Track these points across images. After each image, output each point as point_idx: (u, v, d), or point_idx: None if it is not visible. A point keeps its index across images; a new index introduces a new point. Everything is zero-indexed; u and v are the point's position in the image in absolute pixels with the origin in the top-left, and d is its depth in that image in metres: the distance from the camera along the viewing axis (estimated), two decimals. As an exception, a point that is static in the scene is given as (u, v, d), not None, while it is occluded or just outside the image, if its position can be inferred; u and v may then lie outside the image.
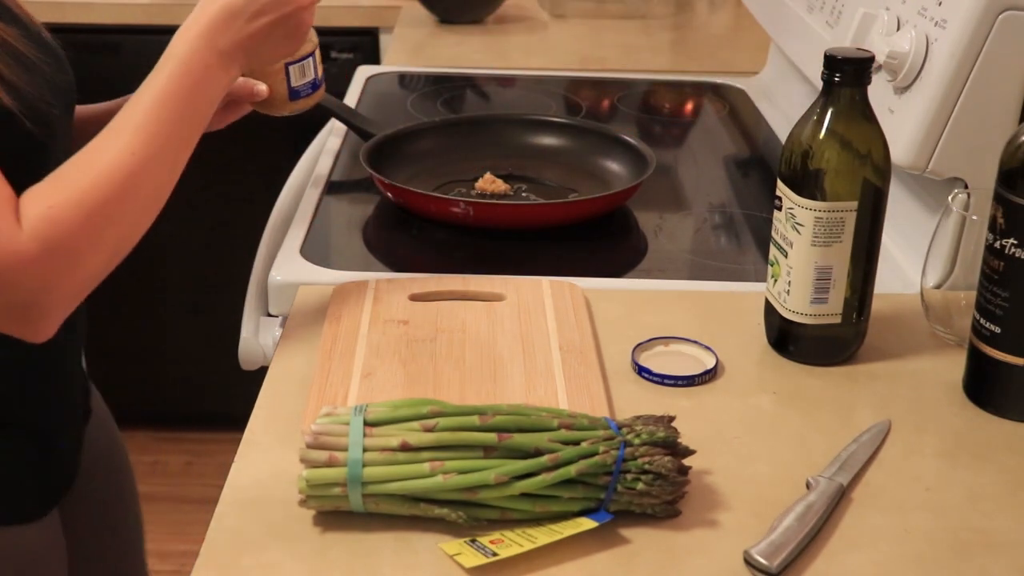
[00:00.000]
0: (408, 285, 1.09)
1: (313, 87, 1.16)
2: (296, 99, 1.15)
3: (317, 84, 1.17)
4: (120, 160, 0.86)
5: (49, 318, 0.85)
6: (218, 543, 0.78)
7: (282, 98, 1.15)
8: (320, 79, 1.17)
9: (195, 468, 2.62)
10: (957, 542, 0.80)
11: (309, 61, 1.14)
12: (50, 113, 0.93)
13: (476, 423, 0.79)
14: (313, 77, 1.15)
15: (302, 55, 1.13)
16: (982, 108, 1.07)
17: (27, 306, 0.83)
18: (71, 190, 0.85)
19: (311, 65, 1.14)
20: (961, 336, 1.02)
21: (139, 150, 0.87)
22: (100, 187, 0.85)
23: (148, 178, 0.88)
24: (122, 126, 0.88)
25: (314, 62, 1.15)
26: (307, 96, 1.16)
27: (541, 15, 2.33)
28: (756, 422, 0.93)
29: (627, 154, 1.40)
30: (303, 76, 1.13)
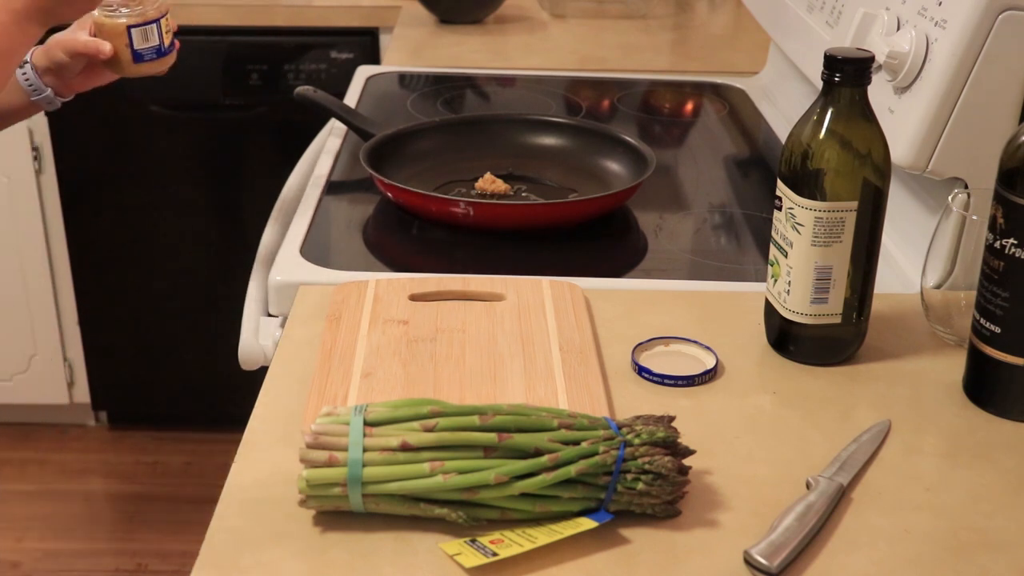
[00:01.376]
0: (408, 285, 1.09)
1: (158, 52, 1.23)
2: (140, 62, 1.23)
3: (163, 51, 1.24)
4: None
5: None
6: (218, 543, 0.78)
7: (127, 60, 1.23)
8: (167, 47, 1.24)
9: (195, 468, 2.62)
10: (957, 542, 0.80)
11: (152, 27, 1.21)
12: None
13: (476, 423, 0.79)
14: (158, 43, 1.22)
15: (144, 20, 1.20)
16: (982, 108, 1.07)
17: None
18: None
19: (155, 31, 1.21)
20: (961, 336, 1.02)
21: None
22: None
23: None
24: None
25: (159, 29, 1.22)
26: (151, 60, 1.23)
27: (541, 15, 2.33)
28: (756, 422, 0.93)
29: (627, 154, 1.40)
30: (146, 40, 1.21)
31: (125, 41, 1.22)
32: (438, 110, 1.72)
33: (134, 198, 2.43)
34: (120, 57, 1.23)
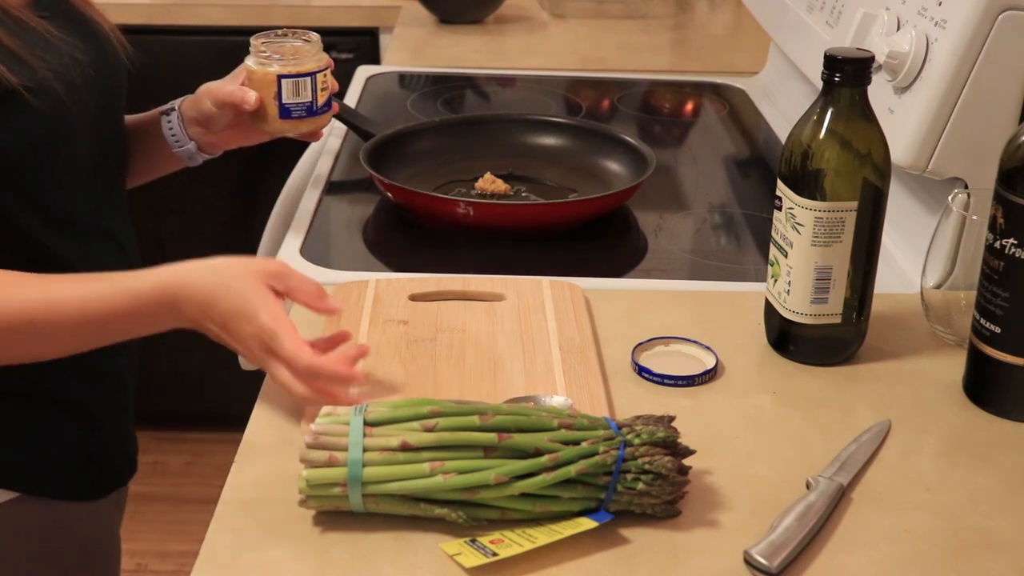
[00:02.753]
0: (408, 285, 1.09)
1: (308, 110, 1.13)
2: (287, 118, 1.13)
3: (315, 110, 1.13)
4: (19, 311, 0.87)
5: None
6: (218, 543, 0.78)
7: (273, 114, 1.13)
8: (320, 107, 1.14)
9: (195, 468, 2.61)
10: (957, 542, 0.80)
11: (306, 81, 1.11)
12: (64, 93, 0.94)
13: (476, 423, 0.79)
14: (309, 100, 1.12)
15: (297, 71, 1.10)
16: (982, 108, 1.07)
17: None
18: None
19: (308, 86, 1.11)
20: (961, 336, 1.02)
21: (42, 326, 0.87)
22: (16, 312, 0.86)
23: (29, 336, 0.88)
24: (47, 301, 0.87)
25: (313, 84, 1.11)
26: (299, 118, 1.13)
27: (541, 15, 2.32)
28: (756, 422, 0.93)
29: (627, 154, 1.40)
30: (296, 94, 1.10)
31: (273, 92, 1.11)
32: (438, 110, 1.72)
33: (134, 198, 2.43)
34: (267, 110, 1.13)
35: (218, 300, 0.85)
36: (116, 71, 1.05)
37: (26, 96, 0.89)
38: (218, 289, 0.85)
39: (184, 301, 0.86)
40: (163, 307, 0.86)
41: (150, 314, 0.87)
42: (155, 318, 0.87)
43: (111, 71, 1.03)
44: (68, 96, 0.94)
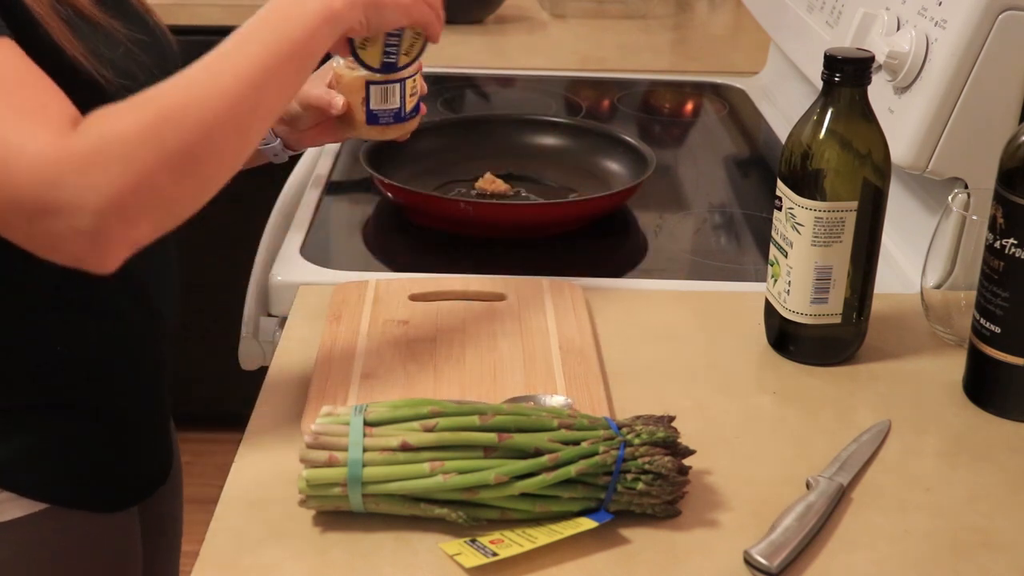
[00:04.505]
0: (408, 285, 1.09)
1: (396, 117, 1.07)
2: (374, 123, 1.08)
3: (403, 116, 1.08)
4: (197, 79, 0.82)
5: (106, 234, 0.76)
6: (218, 543, 0.78)
7: (360, 119, 1.08)
8: (408, 112, 1.08)
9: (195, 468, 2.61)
10: (957, 542, 0.80)
11: (395, 87, 1.05)
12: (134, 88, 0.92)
13: (476, 423, 0.79)
14: (398, 106, 1.06)
15: (387, 78, 1.04)
16: (982, 108, 1.07)
17: (76, 210, 0.74)
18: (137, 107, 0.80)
19: (396, 92, 1.06)
20: (961, 336, 1.02)
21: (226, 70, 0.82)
22: (165, 94, 0.80)
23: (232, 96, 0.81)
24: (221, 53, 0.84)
25: (402, 90, 1.06)
26: (387, 124, 1.08)
27: (541, 15, 2.32)
28: (756, 422, 0.93)
29: (627, 154, 1.40)
30: (384, 100, 1.06)
31: (362, 97, 1.07)
32: (438, 110, 1.72)
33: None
34: (354, 115, 1.09)
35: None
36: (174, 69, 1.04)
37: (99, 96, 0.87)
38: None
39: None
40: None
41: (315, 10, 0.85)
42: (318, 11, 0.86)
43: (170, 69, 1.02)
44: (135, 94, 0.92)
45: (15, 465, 0.94)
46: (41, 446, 0.96)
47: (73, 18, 0.89)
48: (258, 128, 0.84)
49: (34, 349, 0.93)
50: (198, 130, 0.79)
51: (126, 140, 0.76)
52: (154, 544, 1.16)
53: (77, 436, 0.98)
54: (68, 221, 0.75)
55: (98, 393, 0.98)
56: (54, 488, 0.96)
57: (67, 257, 0.77)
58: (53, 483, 0.96)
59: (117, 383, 1.00)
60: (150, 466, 1.08)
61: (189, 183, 0.80)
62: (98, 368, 0.98)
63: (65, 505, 0.97)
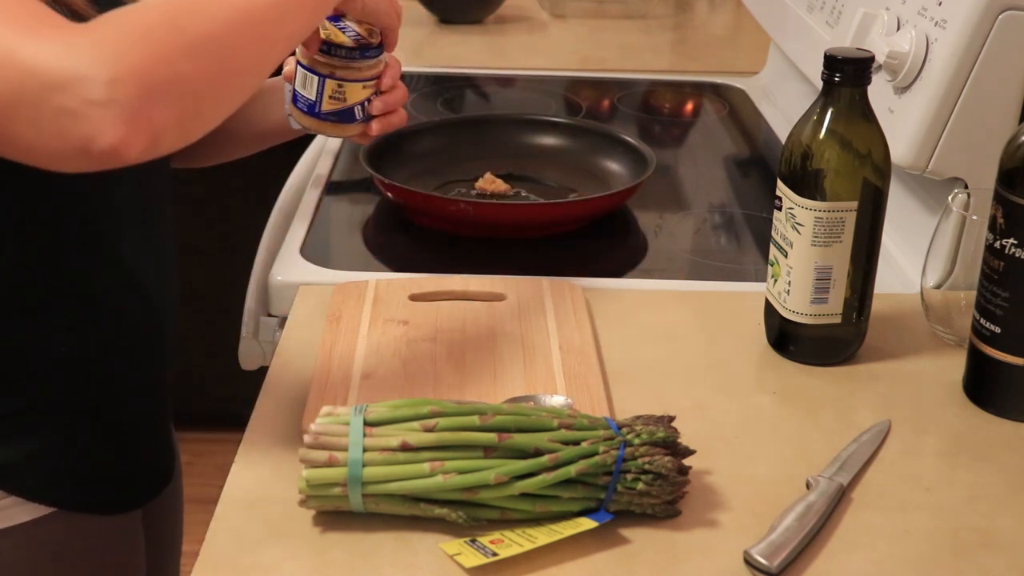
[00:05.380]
0: (408, 285, 1.09)
1: (309, 109, 1.03)
2: (294, 103, 1.04)
3: (315, 112, 1.03)
4: None
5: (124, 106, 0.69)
6: (218, 543, 0.78)
7: (289, 93, 1.05)
8: (320, 111, 1.02)
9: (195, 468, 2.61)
10: (957, 542, 0.80)
11: (314, 79, 1.01)
12: None
13: (476, 423, 0.79)
14: (313, 100, 1.02)
15: (309, 65, 1.00)
16: (982, 108, 1.07)
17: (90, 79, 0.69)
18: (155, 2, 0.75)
19: (315, 84, 1.01)
20: (961, 336, 1.02)
21: None
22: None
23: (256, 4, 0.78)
24: None
25: (321, 88, 1.01)
26: (302, 111, 1.04)
27: (541, 15, 2.32)
28: (756, 422, 0.93)
29: (627, 154, 1.40)
30: (303, 86, 1.02)
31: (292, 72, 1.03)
32: (438, 110, 1.72)
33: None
34: None
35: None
36: None
37: None
38: None
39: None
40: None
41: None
42: None
43: None
44: None
45: (19, 468, 0.94)
46: (44, 449, 0.95)
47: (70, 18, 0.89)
48: (280, 45, 0.81)
49: (35, 352, 0.93)
50: (219, 23, 0.75)
51: (144, 22, 0.72)
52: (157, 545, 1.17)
53: (79, 438, 0.97)
54: (81, 92, 0.68)
55: (99, 395, 0.98)
56: (59, 491, 0.96)
57: (80, 141, 0.70)
58: (58, 486, 0.96)
59: (118, 384, 1.00)
60: (153, 467, 1.08)
61: (210, 73, 0.75)
62: (99, 369, 0.97)
63: (70, 508, 0.97)
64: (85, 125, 0.69)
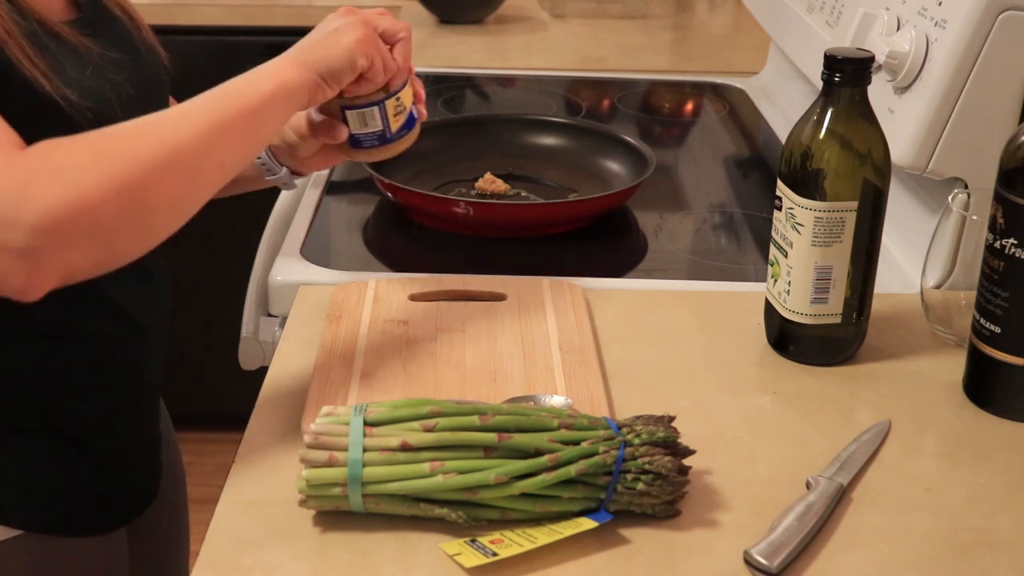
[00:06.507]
0: (408, 285, 1.09)
1: (381, 139, 1.01)
2: (359, 148, 1.03)
3: (388, 137, 1.02)
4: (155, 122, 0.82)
5: (37, 255, 0.73)
6: (218, 543, 0.78)
7: (343, 144, 1.03)
8: (393, 133, 1.01)
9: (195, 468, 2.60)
10: (957, 542, 0.80)
11: (373, 111, 0.99)
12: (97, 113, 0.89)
13: (476, 423, 0.79)
14: (380, 128, 1.01)
15: (361, 102, 0.99)
16: (982, 108, 1.07)
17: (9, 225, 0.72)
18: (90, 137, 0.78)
19: (376, 115, 1.00)
20: (961, 336, 1.02)
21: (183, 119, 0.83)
22: (120, 129, 0.80)
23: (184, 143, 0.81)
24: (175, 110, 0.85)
25: (382, 112, 1.00)
26: (372, 147, 1.02)
27: (541, 15, 2.33)
28: (756, 422, 0.93)
29: (627, 154, 1.40)
30: (363, 125, 1.00)
31: (340, 120, 1.01)
32: (438, 110, 1.72)
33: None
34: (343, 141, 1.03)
35: None
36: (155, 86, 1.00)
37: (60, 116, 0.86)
38: None
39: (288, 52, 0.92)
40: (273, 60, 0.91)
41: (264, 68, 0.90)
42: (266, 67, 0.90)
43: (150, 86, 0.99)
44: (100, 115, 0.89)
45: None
46: (18, 471, 0.94)
47: (37, 34, 0.87)
48: (208, 178, 0.84)
49: (9, 373, 0.92)
50: (146, 166, 0.78)
51: (72, 163, 0.75)
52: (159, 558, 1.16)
53: (53, 461, 0.96)
54: (1, 241, 0.72)
55: (76, 417, 0.97)
56: (29, 513, 0.95)
57: None
58: (29, 508, 0.95)
59: (97, 406, 0.98)
60: (136, 487, 1.06)
61: (132, 218, 0.78)
62: (76, 391, 0.96)
63: (40, 531, 0.96)
64: (1, 266, 0.73)
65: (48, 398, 0.94)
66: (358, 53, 0.93)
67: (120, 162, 0.77)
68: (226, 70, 1.19)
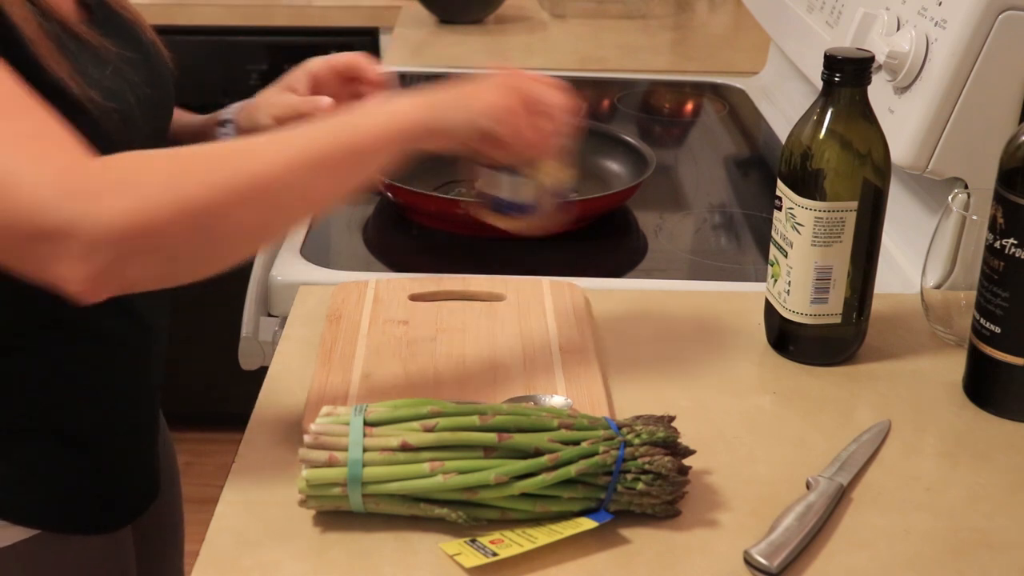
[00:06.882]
0: (408, 285, 1.09)
1: (516, 209, 0.95)
2: (498, 210, 0.97)
3: (522, 209, 0.95)
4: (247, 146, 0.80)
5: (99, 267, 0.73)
6: (218, 543, 0.78)
7: (486, 203, 0.98)
8: (525, 206, 0.95)
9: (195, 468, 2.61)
10: (957, 542, 0.80)
11: (506, 176, 0.95)
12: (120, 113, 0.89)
13: (476, 423, 0.79)
14: (510, 197, 0.95)
15: (497, 164, 0.94)
16: (982, 108, 1.07)
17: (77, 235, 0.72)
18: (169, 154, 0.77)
19: (505, 182, 0.95)
20: (961, 336, 1.02)
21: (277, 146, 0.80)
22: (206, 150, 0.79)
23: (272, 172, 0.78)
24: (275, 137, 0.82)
25: (515, 182, 0.95)
26: (506, 214, 0.96)
27: (541, 15, 2.33)
28: (756, 422, 0.93)
29: (627, 154, 1.40)
30: (494, 186, 0.96)
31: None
32: (438, 110, 1.71)
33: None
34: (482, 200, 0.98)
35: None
36: (166, 85, 1.00)
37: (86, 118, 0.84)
38: None
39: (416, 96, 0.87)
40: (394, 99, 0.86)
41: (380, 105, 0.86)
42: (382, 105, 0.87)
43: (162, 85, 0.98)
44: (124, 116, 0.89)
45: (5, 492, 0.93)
46: (29, 472, 0.94)
47: (61, 36, 0.87)
48: (290, 211, 0.81)
49: (21, 375, 0.92)
50: (220, 193, 0.76)
51: (147, 180, 0.74)
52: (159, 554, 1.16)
53: (65, 460, 0.96)
54: (62, 247, 0.72)
55: (85, 417, 0.97)
56: (43, 513, 0.95)
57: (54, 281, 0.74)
58: (42, 508, 0.95)
59: (104, 405, 0.98)
60: (138, 485, 1.06)
61: (198, 242, 0.76)
62: (87, 392, 0.96)
63: (57, 530, 0.96)
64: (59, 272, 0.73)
65: (59, 399, 0.94)
66: (489, 118, 0.88)
67: (194, 186, 0.75)
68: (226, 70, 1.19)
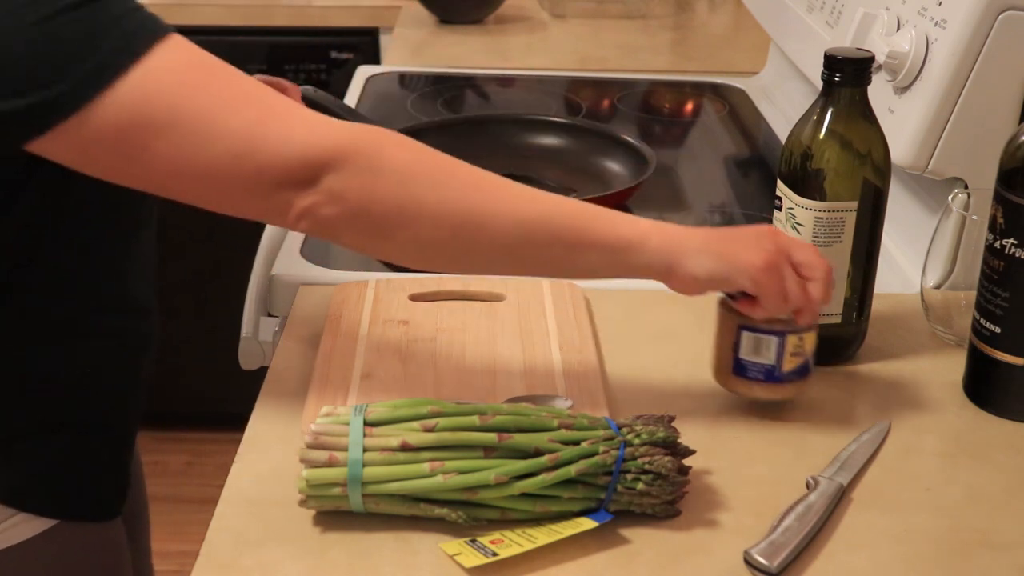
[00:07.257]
0: (408, 285, 1.09)
1: (767, 375, 0.90)
2: (741, 374, 0.92)
3: (775, 376, 0.90)
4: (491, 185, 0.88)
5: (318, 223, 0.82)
6: (218, 543, 0.78)
7: (725, 365, 0.93)
8: (781, 373, 0.90)
9: (195, 468, 2.62)
10: (957, 542, 0.80)
11: (771, 340, 0.89)
12: None
13: (476, 423, 0.79)
14: (772, 363, 0.90)
15: (761, 327, 0.89)
16: (982, 108, 1.07)
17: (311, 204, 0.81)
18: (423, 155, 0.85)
19: (774, 346, 0.89)
20: (961, 336, 1.02)
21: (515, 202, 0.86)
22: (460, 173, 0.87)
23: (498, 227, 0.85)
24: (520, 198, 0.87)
25: (782, 348, 0.89)
26: (754, 379, 0.91)
27: (541, 15, 2.32)
28: (756, 422, 0.93)
29: (627, 154, 1.40)
30: (754, 351, 0.90)
31: (732, 340, 0.91)
32: (438, 110, 1.72)
33: (134, 198, 2.43)
34: (720, 359, 0.93)
35: None
36: None
37: None
38: None
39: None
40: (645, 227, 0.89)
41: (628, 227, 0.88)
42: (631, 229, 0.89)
43: None
44: None
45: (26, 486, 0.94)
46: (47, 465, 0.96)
47: None
48: (474, 264, 0.88)
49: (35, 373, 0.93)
50: (438, 212, 0.83)
51: (395, 167, 0.82)
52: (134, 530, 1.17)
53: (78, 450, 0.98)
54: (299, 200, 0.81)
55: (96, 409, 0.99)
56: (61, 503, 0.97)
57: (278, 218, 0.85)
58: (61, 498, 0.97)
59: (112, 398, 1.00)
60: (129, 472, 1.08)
61: (404, 241, 0.84)
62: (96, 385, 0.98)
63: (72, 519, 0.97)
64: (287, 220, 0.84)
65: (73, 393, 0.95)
66: (750, 275, 0.85)
67: (421, 194, 0.83)
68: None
